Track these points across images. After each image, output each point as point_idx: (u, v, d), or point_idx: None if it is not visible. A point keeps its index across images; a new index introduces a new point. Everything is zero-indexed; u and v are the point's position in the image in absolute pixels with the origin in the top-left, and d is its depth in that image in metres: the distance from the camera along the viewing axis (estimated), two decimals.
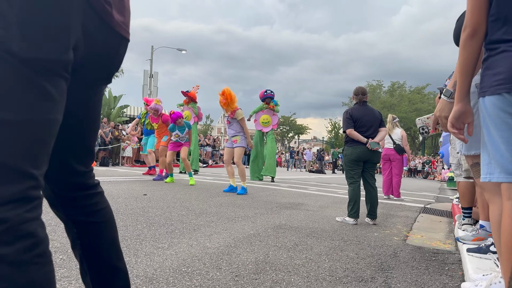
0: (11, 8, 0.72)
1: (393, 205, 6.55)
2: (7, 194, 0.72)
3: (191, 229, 3.28)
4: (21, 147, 0.74)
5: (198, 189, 6.77)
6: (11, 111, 0.73)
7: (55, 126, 0.82)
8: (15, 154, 0.74)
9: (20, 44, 0.73)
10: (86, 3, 0.86)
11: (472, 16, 1.40)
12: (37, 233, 0.77)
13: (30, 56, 0.74)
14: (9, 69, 0.72)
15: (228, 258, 2.50)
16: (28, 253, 0.74)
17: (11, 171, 0.73)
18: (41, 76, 0.76)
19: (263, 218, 4.15)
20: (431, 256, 2.97)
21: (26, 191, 0.75)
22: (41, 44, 0.76)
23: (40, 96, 0.77)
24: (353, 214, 4.25)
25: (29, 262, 0.74)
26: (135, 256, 2.38)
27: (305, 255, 2.72)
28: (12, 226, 0.72)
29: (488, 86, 1.33)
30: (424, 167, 29.71)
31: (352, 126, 4.38)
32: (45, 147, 0.81)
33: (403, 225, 4.39)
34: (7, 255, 0.71)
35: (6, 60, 0.72)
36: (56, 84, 0.79)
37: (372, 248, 3.11)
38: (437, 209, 6.22)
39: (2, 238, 0.71)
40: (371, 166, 4.47)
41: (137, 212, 3.90)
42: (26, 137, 0.75)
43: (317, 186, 9.96)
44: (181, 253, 2.53)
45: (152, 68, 26.22)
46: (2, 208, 0.71)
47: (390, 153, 7.66)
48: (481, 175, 1.39)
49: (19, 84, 0.73)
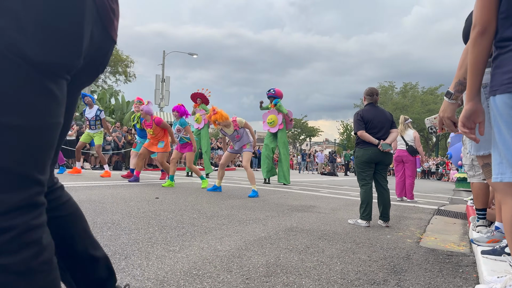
0: (26, 12, 0.71)
1: (406, 207, 6.47)
2: (15, 201, 0.71)
3: (202, 232, 3.29)
4: (30, 153, 0.73)
5: (210, 192, 6.79)
6: (22, 116, 0.71)
7: (59, 130, 0.82)
8: (24, 160, 0.72)
9: (35, 48, 0.71)
10: (96, 12, 0.87)
11: (482, 13, 1.38)
12: (42, 240, 0.76)
13: (44, 60, 0.73)
14: (21, 72, 0.71)
15: (239, 261, 2.50)
16: (34, 261, 0.73)
17: (20, 178, 0.72)
18: (48, 79, 0.75)
19: (274, 220, 4.14)
20: (445, 258, 2.93)
21: (33, 197, 0.74)
22: (56, 50, 0.75)
23: (48, 99, 0.76)
24: (366, 216, 4.21)
25: (35, 271, 0.73)
26: (147, 259, 2.39)
27: (316, 257, 2.70)
28: (19, 233, 0.71)
29: (498, 85, 1.31)
30: (438, 168, 29.31)
31: (363, 128, 4.35)
32: (51, 151, 0.80)
33: (416, 227, 4.33)
34: (13, 264, 0.70)
35: (18, 63, 0.70)
36: (60, 86, 0.79)
37: (385, 250, 3.07)
38: (451, 211, 6.12)
39: (9, 246, 0.70)
40: (383, 168, 4.43)
41: (149, 215, 3.92)
42: (35, 142, 0.74)
43: (329, 189, 9.90)
44: (192, 256, 2.54)
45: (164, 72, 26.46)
46: (10, 215, 0.70)
47: (403, 154, 7.58)
48: (493, 175, 1.36)
49: (29, 88, 0.72)
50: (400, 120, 7.76)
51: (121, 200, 4.93)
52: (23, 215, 0.72)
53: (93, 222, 3.40)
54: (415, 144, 7.51)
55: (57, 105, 0.78)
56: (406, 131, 7.56)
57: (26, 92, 0.72)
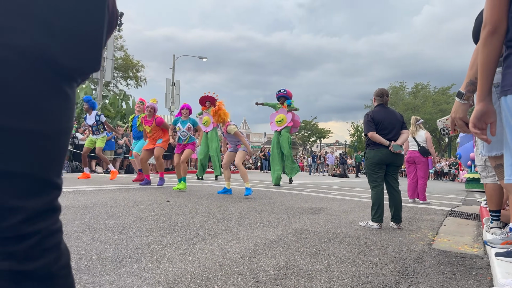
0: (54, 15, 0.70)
1: (419, 208, 6.40)
2: (38, 206, 0.71)
3: (213, 235, 3.29)
4: (50, 158, 0.74)
5: (220, 195, 6.80)
6: (45, 121, 0.72)
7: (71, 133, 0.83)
8: (45, 165, 0.73)
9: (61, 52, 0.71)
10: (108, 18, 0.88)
11: (492, 12, 1.37)
12: (61, 245, 0.77)
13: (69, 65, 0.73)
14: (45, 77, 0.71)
15: (249, 263, 2.50)
16: (55, 265, 0.74)
17: (42, 183, 0.73)
18: (65, 83, 0.76)
19: (285, 223, 4.13)
20: (458, 260, 2.89)
21: (53, 202, 0.75)
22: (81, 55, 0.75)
23: (65, 103, 0.76)
24: (377, 218, 4.18)
25: (57, 275, 0.74)
26: (158, 262, 2.40)
27: (327, 260, 2.69)
28: (42, 239, 0.72)
29: (510, 85, 1.29)
30: (451, 169, 28.95)
31: (374, 129, 4.32)
32: (65, 154, 0.82)
33: (429, 229, 4.28)
34: (38, 270, 0.71)
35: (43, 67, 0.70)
36: (73, 90, 0.79)
37: (397, 253, 3.04)
38: (464, 212, 6.04)
39: (33, 252, 0.70)
40: (394, 169, 4.39)
41: (160, 218, 3.94)
42: (55, 146, 0.75)
43: (340, 190, 9.84)
44: (203, 258, 2.54)
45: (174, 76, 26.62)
46: (33, 220, 0.71)
47: (414, 155, 7.51)
48: (505, 177, 1.34)
49: (52, 93, 0.72)
50: (411, 121, 7.70)
51: (132, 204, 4.97)
52: (45, 220, 0.73)
53: (105, 225, 3.44)
54: (427, 145, 7.43)
55: (71, 108, 0.79)
56: (418, 132, 7.49)
57: (49, 97, 0.72)
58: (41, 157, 0.72)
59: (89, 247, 2.67)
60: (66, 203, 4.61)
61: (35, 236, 0.71)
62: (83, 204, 4.65)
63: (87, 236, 2.99)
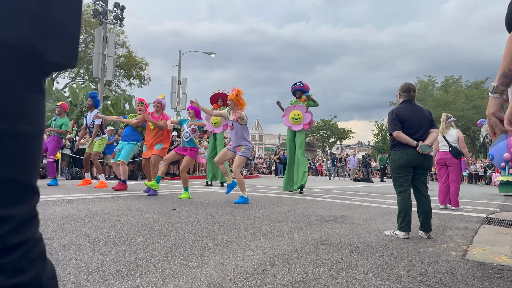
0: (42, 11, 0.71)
1: (451, 215, 6.32)
2: (23, 214, 0.72)
3: (223, 246, 3.30)
4: (32, 161, 0.74)
5: (230, 202, 6.82)
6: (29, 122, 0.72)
7: None
8: (28, 169, 0.73)
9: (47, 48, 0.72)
10: None
11: None
12: (45, 254, 0.77)
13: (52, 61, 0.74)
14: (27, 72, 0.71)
15: (263, 277, 2.49)
16: (44, 276, 0.75)
17: (25, 188, 0.73)
18: (43, 78, 0.76)
19: (302, 233, 4.12)
20: (495, 273, 2.84)
21: (35, 208, 0.76)
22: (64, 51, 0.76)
23: (42, 101, 0.76)
24: (404, 227, 4.14)
25: (46, 286, 0.75)
26: (163, 276, 2.42)
27: (348, 273, 2.67)
28: (28, 249, 0.72)
29: None
30: (487, 171, 28.52)
31: (400, 128, 4.28)
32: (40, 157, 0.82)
33: (462, 238, 4.22)
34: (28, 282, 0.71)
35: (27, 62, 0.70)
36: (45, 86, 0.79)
37: (426, 265, 3.01)
38: (502, 219, 5.94)
39: (22, 263, 0.70)
40: (422, 172, 4.35)
41: (165, 228, 3.97)
42: (36, 148, 0.75)
43: (363, 196, 9.78)
44: (212, 272, 2.55)
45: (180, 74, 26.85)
46: (20, 229, 0.71)
47: (445, 157, 7.41)
48: None
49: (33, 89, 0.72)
50: (441, 119, 7.61)
51: (136, 212, 5.01)
52: (29, 228, 0.73)
53: (107, 236, 3.47)
54: (459, 145, 7.32)
55: (45, 106, 0.79)
56: (449, 131, 7.39)
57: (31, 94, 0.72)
58: (25, 160, 0.73)
59: (89, 259, 2.70)
60: (65, 212, 4.68)
61: (22, 246, 0.71)
62: (83, 213, 4.70)
63: (87, 248, 3.03)
